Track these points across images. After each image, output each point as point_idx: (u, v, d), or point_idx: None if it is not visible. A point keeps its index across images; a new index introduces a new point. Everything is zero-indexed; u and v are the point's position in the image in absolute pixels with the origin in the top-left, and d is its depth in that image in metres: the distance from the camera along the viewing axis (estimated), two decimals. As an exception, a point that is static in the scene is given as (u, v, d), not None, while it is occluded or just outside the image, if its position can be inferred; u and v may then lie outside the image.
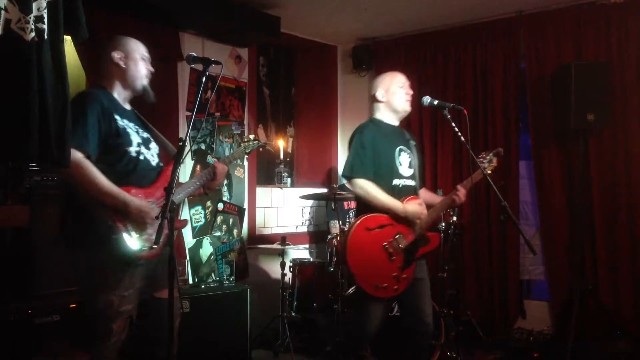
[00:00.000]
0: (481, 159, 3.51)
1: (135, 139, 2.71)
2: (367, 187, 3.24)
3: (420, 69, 5.53)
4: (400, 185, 3.35)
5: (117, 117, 2.66)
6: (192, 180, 2.97)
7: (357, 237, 3.20)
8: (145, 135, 2.83)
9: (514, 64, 5.10)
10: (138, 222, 2.57)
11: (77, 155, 2.43)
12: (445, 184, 5.17)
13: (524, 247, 5.02)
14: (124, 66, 2.75)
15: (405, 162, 3.40)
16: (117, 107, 2.73)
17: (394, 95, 3.42)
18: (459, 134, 3.35)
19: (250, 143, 3.22)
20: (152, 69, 2.84)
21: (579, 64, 4.49)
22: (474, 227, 5.20)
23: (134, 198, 2.56)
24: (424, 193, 3.57)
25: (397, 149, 3.39)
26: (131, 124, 2.74)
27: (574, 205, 4.73)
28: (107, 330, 2.56)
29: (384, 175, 3.30)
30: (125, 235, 2.54)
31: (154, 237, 2.55)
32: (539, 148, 4.95)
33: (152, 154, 2.80)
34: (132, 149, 2.67)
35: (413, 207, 3.27)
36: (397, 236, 3.27)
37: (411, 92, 3.46)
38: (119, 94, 2.78)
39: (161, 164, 2.87)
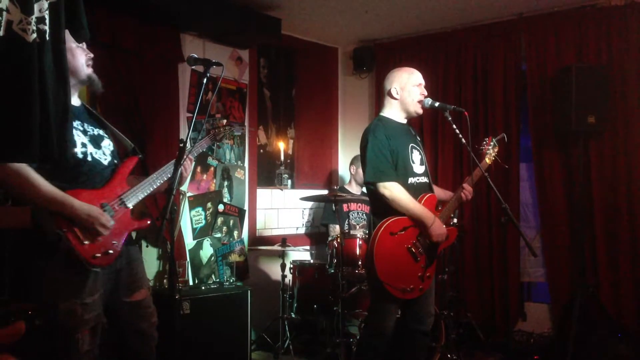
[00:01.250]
0: (485, 145, 3.53)
1: (80, 139, 2.54)
2: (398, 192, 3.20)
3: (421, 70, 5.43)
4: (415, 183, 3.34)
5: None
6: (153, 176, 2.76)
7: (383, 244, 3.17)
8: (96, 132, 2.66)
9: (514, 66, 5.10)
10: (88, 228, 2.43)
11: (14, 164, 2.27)
12: (446, 185, 5.15)
13: (524, 249, 5.02)
14: (70, 57, 2.43)
15: (417, 160, 3.40)
16: None
17: (409, 94, 3.38)
18: (460, 136, 3.36)
19: (221, 129, 3.12)
20: (91, 55, 2.63)
21: (580, 66, 4.50)
22: (474, 229, 5.20)
23: (82, 203, 2.41)
24: (435, 189, 3.56)
25: (410, 146, 3.38)
26: (76, 122, 2.55)
27: (575, 208, 4.73)
28: (73, 341, 2.43)
29: (400, 174, 3.28)
30: (75, 243, 2.40)
31: (111, 241, 2.50)
32: (540, 150, 4.95)
33: (103, 152, 2.63)
34: (77, 150, 2.50)
35: (439, 229, 3.25)
36: (419, 236, 3.26)
37: (425, 92, 3.43)
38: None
39: (115, 161, 2.71)
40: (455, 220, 4.19)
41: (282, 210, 5.74)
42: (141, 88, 4.34)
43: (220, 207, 5.01)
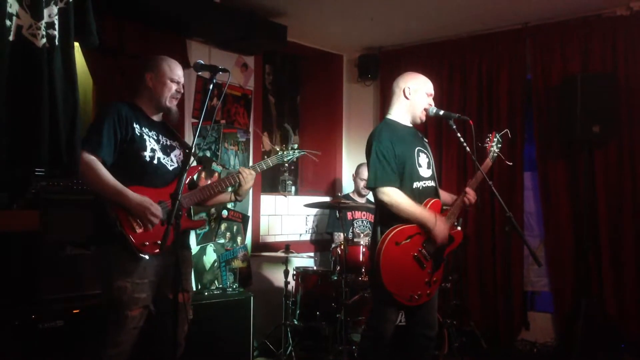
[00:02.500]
0: (489, 142, 3.53)
1: (151, 144, 2.92)
2: (397, 197, 3.19)
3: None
4: (421, 188, 3.32)
5: (136, 125, 2.89)
6: (213, 183, 3.10)
7: (389, 254, 3.16)
8: (169, 142, 3.05)
9: (519, 75, 5.11)
10: (140, 216, 2.75)
11: (89, 157, 2.71)
12: (450, 190, 5.12)
13: (528, 258, 5.01)
14: (151, 86, 3.00)
15: (424, 163, 3.37)
16: (139, 117, 2.96)
17: (419, 99, 3.38)
18: (465, 144, 3.35)
19: (290, 152, 3.34)
20: (181, 91, 3.07)
21: (585, 75, 4.50)
22: (478, 238, 5.19)
23: (135, 194, 2.75)
24: (442, 194, 3.54)
25: (416, 150, 3.35)
26: (152, 132, 2.96)
27: (579, 217, 4.72)
28: (122, 316, 2.75)
29: (406, 179, 3.26)
30: (127, 229, 2.73)
31: (160, 232, 2.74)
32: (544, 159, 4.95)
33: (170, 159, 3.00)
34: (146, 154, 2.88)
35: (441, 229, 3.24)
36: (425, 243, 3.25)
37: (433, 104, 3.43)
38: (147, 108, 3.03)
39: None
40: (459, 228, 4.20)
41: (286, 217, 5.75)
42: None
43: (224, 213, 5.02)
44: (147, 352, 2.97)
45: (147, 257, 2.78)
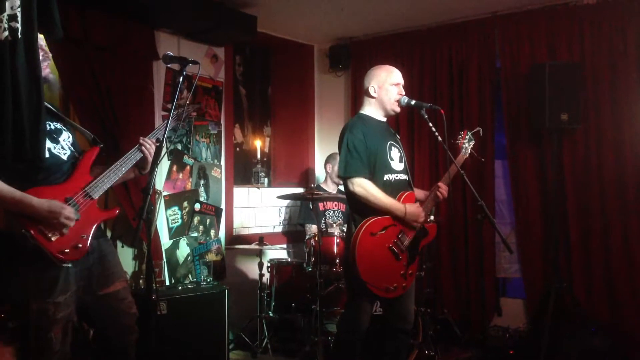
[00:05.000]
0: (461, 140, 3.56)
1: None
2: (367, 187, 3.20)
3: (396, 68, 5.53)
4: (393, 180, 3.34)
5: None
6: (117, 163, 2.72)
7: (364, 244, 3.16)
8: (53, 126, 2.64)
9: (489, 64, 5.15)
10: (52, 223, 2.43)
11: None
12: (422, 183, 5.19)
13: (499, 246, 5.08)
14: None
15: (396, 157, 3.40)
16: None
17: (386, 93, 3.39)
18: (437, 134, 3.37)
19: (186, 108, 3.00)
20: (49, 53, 2.71)
21: (553, 64, 4.55)
22: (450, 226, 5.23)
23: (41, 200, 2.40)
24: (415, 190, 3.56)
25: (388, 144, 3.38)
26: None
27: (549, 204, 4.79)
28: (46, 340, 2.46)
29: (377, 171, 3.28)
30: (42, 240, 2.42)
31: (80, 235, 2.51)
32: (514, 147, 5.00)
33: (61, 147, 2.63)
34: None
35: (413, 209, 3.26)
36: (400, 235, 3.27)
37: (403, 92, 3.44)
38: None
39: (76, 154, 2.71)
40: (432, 218, 4.23)
41: (259, 209, 5.72)
42: (115, 86, 4.27)
43: (197, 206, 4.97)
44: (102, 348, 2.83)
45: (70, 265, 2.50)
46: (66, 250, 2.46)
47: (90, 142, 2.81)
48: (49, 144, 2.52)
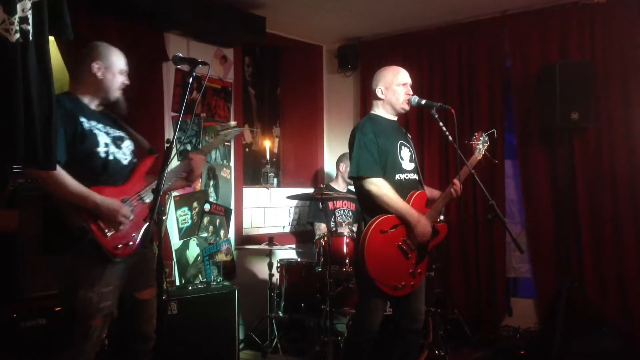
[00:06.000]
0: (475, 140, 3.55)
1: (103, 139, 2.77)
2: (382, 186, 3.20)
3: (405, 68, 5.46)
4: (403, 180, 3.33)
5: (82, 119, 2.72)
6: (166, 173, 2.82)
7: (374, 242, 3.17)
8: (117, 134, 2.88)
9: (498, 63, 5.13)
10: (110, 220, 2.65)
11: None
12: (431, 183, 5.17)
13: (510, 245, 5.06)
14: (100, 77, 2.81)
15: (406, 157, 3.39)
16: (84, 110, 2.78)
17: (393, 94, 3.39)
18: (447, 133, 3.36)
19: (230, 131, 3.24)
20: (127, 82, 2.92)
21: (564, 63, 4.53)
22: (461, 226, 5.22)
23: (103, 197, 2.64)
24: (426, 189, 3.55)
25: (399, 143, 3.38)
26: (99, 125, 2.80)
27: (560, 203, 4.77)
28: (86, 327, 2.63)
29: (388, 171, 3.28)
30: (99, 235, 2.62)
31: (131, 234, 2.71)
32: (524, 147, 4.98)
33: (123, 153, 2.86)
34: (100, 150, 2.74)
35: (423, 226, 3.25)
36: (410, 233, 3.26)
37: (411, 92, 3.43)
38: (90, 100, 2.84)
39: (134, 160, 2.92)
40: (442, 217, 4.23)
41: (269, 209, 5.73)
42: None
43: (207, 207, 4.98)
44: (119, 350, 2.92)
45: (120, 260, 2.69)
46: (119, 246, 2.66)
47: (147, 151, 3.03)
48: (113, 148, 2.79)
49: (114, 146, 2.81)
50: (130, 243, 2.70)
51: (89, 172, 2.68)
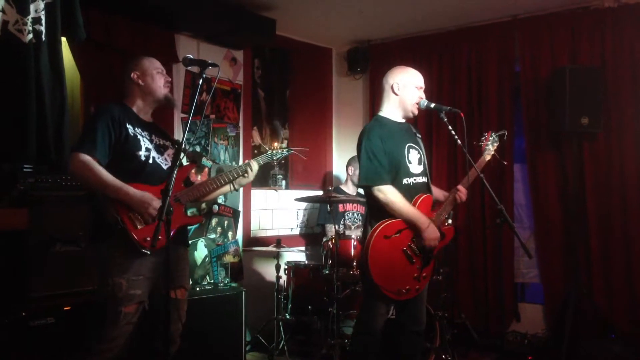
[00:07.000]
0: (484, 141, 3.53)
1: (145, 144, 2.98)
2: (392, 196, 3.18)
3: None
4: (411, 184, 3.32)
5: (129, 126, 2.94)
6: (206, 181, 3.16)
7: (377, 247, 3.16)
8: (162, 142, 3.13)
9: (508, 68, 5.11)
10: (142, 212, 2.81)
11: (85, 158, 2.75)
12: (439, 186, 5.15)
13: (518, 250, 5.04)
14: (141, 83, 3.06)
15: (414, 160, 3.37)
16: (132, 117, 3.01)
17: (408, 94, 3.37)
18: (456, 137, 3.35)
19: (279, 151, 3.39)
20: (169, 78, 3.17)
21: (574, 67, 4.51)
22: (468, 230, 5.20)
23: (135, 190, 2.81)
24: (433, 190, 3.53)
25: (406, 146, 3.35)
26: (144, 132, 3.02)
27: (568, 209, 4.75)
28: (116, 312, 2.80)
29: (395, 175, 3.26)
30: (130, 226, 2.78)
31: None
32: (534, 151, 4.96)
33: (165, 159, 3.08)
34: (141, 153, 2.94)
35: (432, 232, 3.24)
36: (414, 238, 3.25)
37: (424, 96, 3.42)
38: (139, 108, 3.09)
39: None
40: (450, 221, 4.21)
41: (277, 211, 5.73)
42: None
43: (215, 208, 5.00)
44: (143, 347, 2.98)
45: (148, 252, 2.81)
46: (148, 239, 2.78)
47: (190, 160, 3.25)
48: (154, 153, 2.99)
49: (156, 152, 3.02)
50: (160, 237, 2.72)
51: (129, 172, 2.87)
